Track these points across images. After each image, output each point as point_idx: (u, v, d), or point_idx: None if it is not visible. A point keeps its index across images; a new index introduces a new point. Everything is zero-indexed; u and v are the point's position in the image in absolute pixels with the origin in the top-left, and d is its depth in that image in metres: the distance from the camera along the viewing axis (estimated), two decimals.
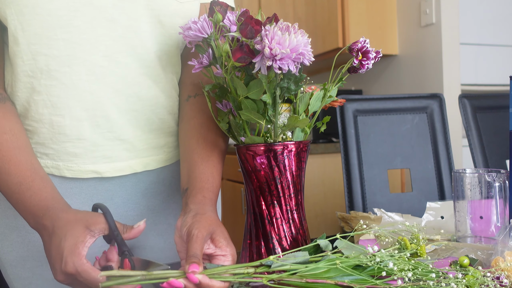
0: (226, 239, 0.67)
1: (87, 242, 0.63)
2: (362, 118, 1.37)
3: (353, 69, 0.73)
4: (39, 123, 0.79)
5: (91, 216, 0.66)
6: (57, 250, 0.63)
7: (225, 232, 0.68)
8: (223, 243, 0.66)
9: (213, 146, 0.79)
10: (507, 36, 2.45)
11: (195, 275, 0.58)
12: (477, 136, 1.44)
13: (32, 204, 0.70)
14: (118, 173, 0.85)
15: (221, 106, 0.76)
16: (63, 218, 0.66)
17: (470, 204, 0.83)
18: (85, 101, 0.78)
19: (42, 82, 0.77)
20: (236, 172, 2.56)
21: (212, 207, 0.72)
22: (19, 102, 0.79)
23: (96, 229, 0.65)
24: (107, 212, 0.67)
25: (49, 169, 0.82)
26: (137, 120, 0.83)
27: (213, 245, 0.66)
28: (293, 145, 0.71)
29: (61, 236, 0.64)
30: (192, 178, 0.75)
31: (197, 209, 0.70)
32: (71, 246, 0.62)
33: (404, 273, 0.60)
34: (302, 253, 0.65)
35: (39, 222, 0.68)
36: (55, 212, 0.68)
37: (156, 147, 0.88)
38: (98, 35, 0.77)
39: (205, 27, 0.70)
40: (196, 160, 0.77)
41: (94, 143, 0.81)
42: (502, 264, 0.65)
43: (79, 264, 0.61)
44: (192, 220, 0.67)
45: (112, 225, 0.66)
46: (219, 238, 0.66)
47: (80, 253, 0.62)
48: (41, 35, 0.74)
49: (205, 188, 0.74)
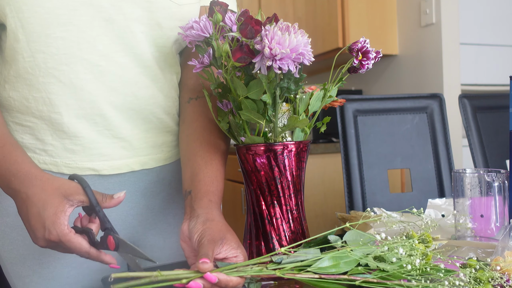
0: (237, 242, 0.67)
1: (67, 212, 0.66)
2: (362, 118, 1.37)
3: (353, 69, 0.73)
4: (39, 120, 0.80)
5: (69, 186, 0.68)
6: (37, 219, 0.65)
7: (235, 236, 0.68)
8: (234, 246, 0.65)
9: (216, 149, 0.79)
10: (507, 36, 2.45)
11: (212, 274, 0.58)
12: (477, 136, 1.44)
13: (2, 168, 0.71)
14: (115, 171, 0.85)
15: (222, 105, 0.76)
16: (37, 185, 0.67)
17: (470, 204, 0.83)
18: (82, 99, 0.79)
19: (40, 80, 0.78)
20: (236, 172, 2.56)
21: (218, 211, 0.72)
22: (19, 98, 0.80)
23: (74, 199, 0.67)
24: (86, 185, 0.67)
25: (48, 166, 0.82)
26: (134, 119, 0.84)
27: (224, 249, 0.65)
28: (293, 145, 0.72)
29: (39, 205, 0.66)
30: (196, 182, 0.75)
31: (205, 214, 0.69)
32: (52, 216, 0.65)
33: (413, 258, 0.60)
34: (313, 250, 0.65)
35: (10, 187, 0.70)
36: (27, 177, 0.69)
37: (154, 146, 0.88)
38: (96, 34, 0.77)
39: (207, 26, 0.70)
40: (200, 163, 0.77)
41: (92, 140, 0.82)
42: (502, 264, 0.65)
43: (62, 234, 0.64)
44: (203, 227, 0.67)
45: (92, 200, 0.67)
46: (229, 242, 0.66)
47: (62, 222, 0.64)
48: (40, 33, 0.75)
49: (210, 192, 0.74)
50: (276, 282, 0.69)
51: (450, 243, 0.82)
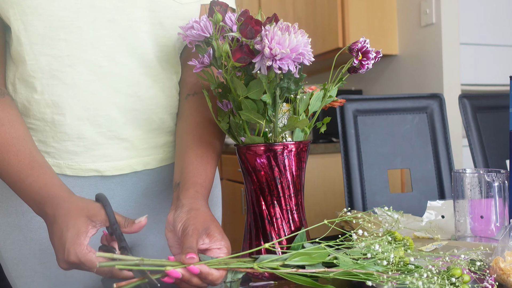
0: (221, 233, 0.68)
1: (89, 233, 0.65)
2: (362, 118, 1.37)
3: (353, 69, 0.73)
4: (41, 122, 0.80)
5: (92, 207, 0.67)
6: (59, 240, 0.64)
7: (219, 227, 0.69)
8: (218, 237, 0.67)
9: (208, 144, 0.80)
10: (507, 36, 2.45)
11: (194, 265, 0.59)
12: (477, 136, 1.44)
13: (33, 191, 0.70)
14: (118, 172, 0.85)
15: (222, 105, 0.76)
16: (64, 207, 0.67)
17: (470, 204, 0.83)
18: (86, 100, 0.79)
19: (44, 82, 0.78)
20: (236, 172, 2.56)
21: (205, 202, 0.73)
22: (21, 100, 0.80)
23: (97, 220, 0.66)
24: (107, 205, 0.67)
25: None
26: (137, 120, 0.84)
27: (208, 240, 0.67)
28: (293, 145, 0.72)
29: (63, 226, 0.65)
30: (185, 173, 0.76)
31: (190, 204, 0.70)
32: (73, 236, 0.63)
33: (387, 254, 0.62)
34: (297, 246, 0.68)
35: (41, 209, 0.69)
36: (56, 200, 0.68)
37: (156, 147, 0.89)
38: (99, 35, 0.77)
39: (207, 26, 0.70)
40: (190, 156, 0.78)
41: (95, 142, 0.82)
42: (502, 264, 0.65)
43: (82, 255, 0.63)
44: (187, 216, 0.67)
45: (111, 218, 0.67)
46: (213, 232, 0.67)
47: (82, 243, 0.63)
48: (44, 35, 0.75)
49: (198, 183, 0.75)
50: (276, 282, 0.69)
51: (450, 244, 0.82)
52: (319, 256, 0.64)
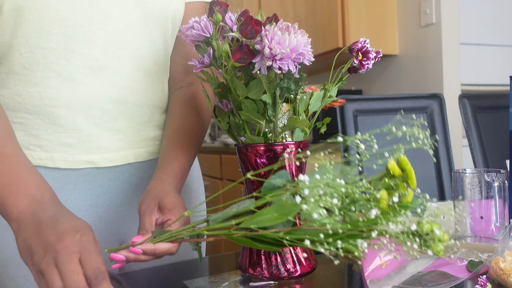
0: (172, 204, 0.70)
1: None
2: (362, 118, 1.37)
3: (353, 69, 0.74)
4: (33, 115, 0.81)
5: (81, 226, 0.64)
6: None
7: (172, 198, 0.71)
8: (169, 209, 0.69)
9: (186, 135, 0.84)
10: (507, 36, 2.45)
11: (136, 246, 0.62)
12: (477, 136, 1.44)
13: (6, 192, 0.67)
14: (112, 163, 0.87)
15: (222, 105, 0.76)
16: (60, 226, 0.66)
17: (470, 204, 0.83)
18: (81, 92, 0.80)
19: (38, 74, 0.79)
20: (236, 172, 2.56)
21: (167, 183, 0.75)
22: (10, 95, 0.80)
23: None
24: None
25: (43, 161, 0.83)
26: (130, 111, 0.86)
27: (160, 214, 0.69)
28: (293, 145, 0.71)
29: None
30: (159, 162, 0.81)
31: (151, 186, 0.74)
32: None
33: None
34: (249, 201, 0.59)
35: None
36: None
37: (147, 139, 0.91)
38: (95, 29, 0.79)
39: (208, 26, 0.70)
40: (166, 146, 0.83)
41: (89, 133, 0.83)
42: (502, 264, 0.65)
43: None
44: (143, 197, 0.71)
45: None
46: (164, 206, 0.69)
47: None
48: (40, 29, 0.77)
49: (166, 170, 0.78)
50: (276, 282, 0.69)
51: (450, 244, 0.81)
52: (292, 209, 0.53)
